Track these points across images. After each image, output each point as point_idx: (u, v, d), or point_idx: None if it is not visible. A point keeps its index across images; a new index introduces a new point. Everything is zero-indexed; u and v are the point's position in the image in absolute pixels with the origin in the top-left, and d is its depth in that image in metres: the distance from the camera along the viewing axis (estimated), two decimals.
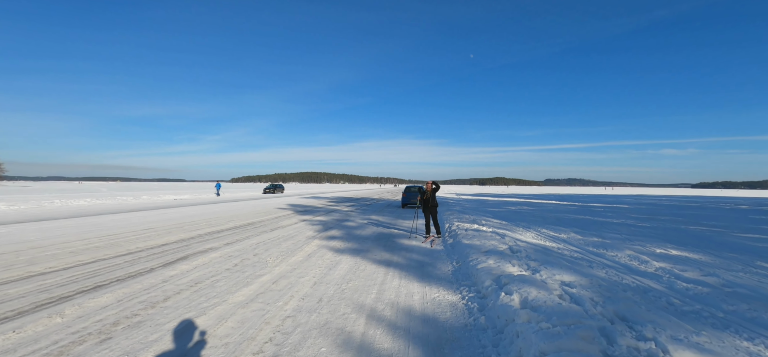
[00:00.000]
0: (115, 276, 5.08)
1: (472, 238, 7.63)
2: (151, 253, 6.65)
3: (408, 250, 7.60)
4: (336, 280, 5.10)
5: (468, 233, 8.44)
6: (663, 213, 17.84)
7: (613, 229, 10.60)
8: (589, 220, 13.65)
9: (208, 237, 8.64)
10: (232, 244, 7.80)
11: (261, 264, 5.98)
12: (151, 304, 4.00)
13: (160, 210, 16.01)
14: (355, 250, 7.47)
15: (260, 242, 8.06)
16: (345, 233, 9.84)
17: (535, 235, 9.18)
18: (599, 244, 7.76)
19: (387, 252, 7.31)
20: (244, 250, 7.10)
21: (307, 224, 11.67)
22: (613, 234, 9.56)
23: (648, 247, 7.45)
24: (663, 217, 15.01)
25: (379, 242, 8.49)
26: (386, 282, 5.08)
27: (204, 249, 7.15)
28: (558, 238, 8.77)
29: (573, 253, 6.76)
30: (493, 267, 5.02)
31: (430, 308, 4.04)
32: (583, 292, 3.90)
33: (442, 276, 5.41)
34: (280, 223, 11.69)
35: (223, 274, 5.32)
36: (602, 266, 5.64)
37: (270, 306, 4.00)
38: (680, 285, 4.73)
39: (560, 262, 5.49)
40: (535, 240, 8.23)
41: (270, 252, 7.00)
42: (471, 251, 6.40)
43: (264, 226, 11.02)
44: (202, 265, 5.84)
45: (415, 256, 6.97)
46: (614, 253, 6.85)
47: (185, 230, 9.67)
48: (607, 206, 23.35)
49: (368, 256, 6.83)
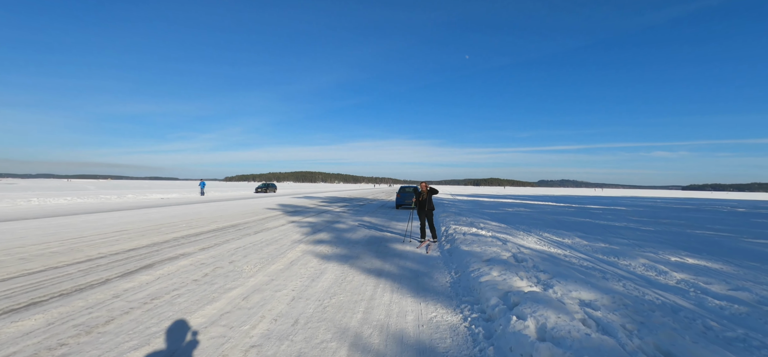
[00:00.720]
0: (59, 289, 4.35)
1: (471, 244, 6.99)
2: (113, 260, 5.91)
3: (401, 256, 6.95)
4: (318, 295, 4.42)
5: (466, 238, 7.81)
6: (663, 216, 17.41)
7: (617, 234, 10.05)
8: (591, 223, 13.12)
9: (183, 240, 7.90)
10: (209, 249, 7.08)
11: (235, 274, 5.28)
12: (87, 328, 3.28)
13: (141, 210, 15.17)
14: (344, 256, 6.80)
15: (240, 247, 7.35)
16: (334, 237, 9.16)
17: (537, 240, 8.58)
18: (608, 251, 7.17)
19: (378, 259, 6.64)
20: (219, 257, 6.38)
21: (294, 226, 10.97)
22: (620, 239, 9.00)
23: (661, 255, 6.88)
24: (665, 221, 14.54)
25: (371, 247, 7.82)
26: (376, 297, 4.42)
27: (175, 255, 6.42)
28: (562, 243, 8.18)
29: (582, 261, 6.15)
30: (498, 280, 4.38)
31: (427, 333, 3.38)
32: (609, 315, 3.27)
33: (440, 289, 4.75)
34: (266, 225, 10.97)
35: (189, 286, 4.62)
36: (618, 278, 5.04)
37: (233, 331, 3.31)
38: (711, 302, 4.14)
39: (572, 273, 4.88)
40: (539, 246, 7.63)
41: (248, 259, 6.30)
42: (471, 259, 5.76)
43: (248, 228, 10.29)
44: (166, 275, 5.12)
45: (410, 263, 6.31)
46: (627, 261, 6.26)
47: (161, 232, 8.91)
48: (605, 208, 22.93)
49: (357, 264, 6.16)
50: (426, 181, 8.85)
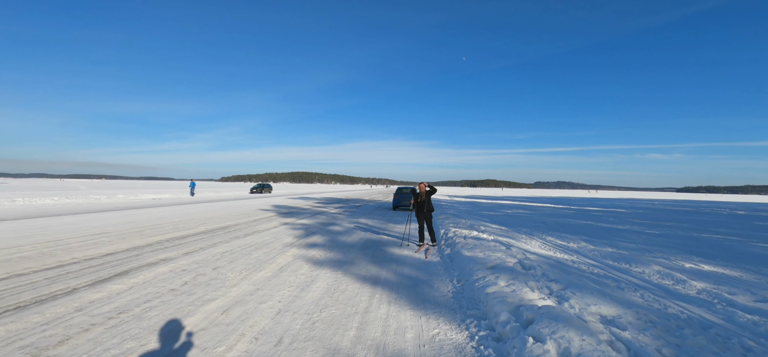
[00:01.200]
0: (17, 301, 3.88)
1: (474, 249, 6.58)
2: (86, 267, 5.43)
3: (399, 261, 6.52)
4: (307, 307, 3.98)
5: (467, 242, 7.40)
6: (664, 218, 17.12)
7: (623, 237, 9.69)
8: (593, 226, 12.76)
9: (167, 244, 7.43)
10: (193, 253, 6.61)
11: (218, 282, 4.83)
12: (33, 352, 2.83)
13: (129, 211, 14.63)
14: (338, 261, 6.36)
15: (227, 251, 6.89)
16: (328, 240, 8.71)
17: (541, 244, 8.18)
18: (618, 257, 6.79)
19: (375, 265, 6.21)
20: (203, 262, 5.92)
21: (287, 228, 10.50)
22: (627, 243, 8.63)
23: (674, 261, 6.50)
24: (668, 223, 14.22)
25: (367, 251, 7.38)
26: (371, 309, 3.98)
27: (154, 260, 5.95)
28: (568, 248, 7.79)
29: (592, 268, 5.76)
30: (506, 291, 3.96)
31: (430, 356, 2.95)
32: (640, 337, 2.87)
33: (442, 300, 4.33)
34: (258, 227, 10.50)
35: (164, 297, 4.16)
36: (634, 288, 4.64)
37: (205, 354, 2.86)
38: (742, 317, 3.74)
39: (585, 283, 4.47)
40: (545, 251, 7.23)
41: (235, 264, 5.84)
42: (474, 266, 5.35)
43: (238, 230, 9.82)
44: (141, 284, 4.66)
45: (408, 270, 5.88)
46: (640, 268, 5.88)
47: (144, 235, 8.42)
48: (604, 210, 22.64)
49: (352, 271, 5.72)
50: (425, 181, 8.44)
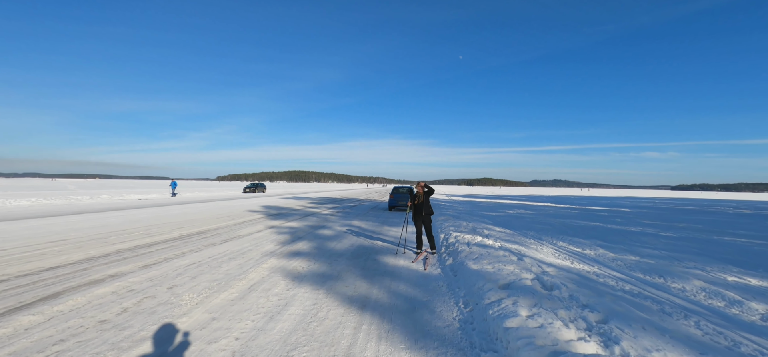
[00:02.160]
0: None
1: (480, 259, 5.66)
2: (13, 286, 4.45)
3: (394, 275, 5.58)
4: (272, 346, 3.04)
5: (472, 250, 6.48)
6: (673, 218, 16.30)
7: (640, 241, 8.81)
8: (603, 228, 11.89)
9: (128, 254, 6.45)
10: (152, 266, 5.64)
11: (166, 308, 3.87)
12: None
13: (106, 212, 13.59)
14: (322, 276, 5.41)
15: (194, 263, 5.92)
16: (315, 247, 7.76)
17: (554, 251, 7.29)
18: (646, 268, 5.89)
19: (365, 280, 5.27)
20: (160, 279, 4.96)
21: (272, 233, 9.54)
22: (647, 249, 7.75)
23: (711, 272, 5.62)
24: (680, 225, 13.39)
25: (357, 261, 6.45)
26: (355, 350, 3.05)
27: (101, 277, 4.98)
28: (585, 256, 6.89)
29: (623, 284, 4.85)
30: (531, 325, 3.04)
31: None
32: None
33: (447, 334, 3.39)
34: (239, 232, 9.52)
35: (85, 335, 3.20)
36: (684, 313, 3.73)
37: None
38: None
39: (626, 308, 3.56)
40: (561, 260, 6.32)
41: (197, 282, 4.89)
42: (484, 283, 4.43)
43: (217, 235, 8.85)
44: (66, 312, 3.69)
45: (404, 287, 4.95)
46: (678, 283, 4.98)
47: (106, 243, 7.43)
48: (608, 210, 21.82)
49: (337, 288, 4.78)
50: (422, 181, 7.51)
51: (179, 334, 3.25)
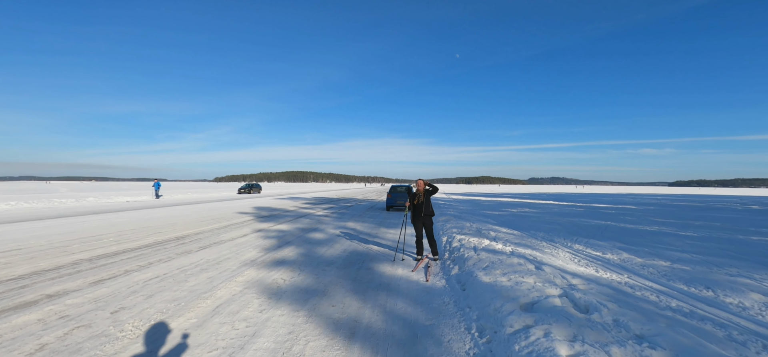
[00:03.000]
0: None
1: (492, 269, 4.82)
2: None
3: (391, 288, 4.73)
4: None
5: (480, 256, 5.64)
6: (684, 215, 15.50)
7: (662, 243, 7.99)
8: (616, 227, 11.07)
9: (85, 267, 5.57)
10: (106, 282, 4.77)
11: (99, 342, 3.01)
12: None
13: (82, 217, 12.67)
14: (305, 291, 4.56)
15: (157, 277, 5.06)
16: (303, 254, 6.90)
17: (572, 256, 6.46)
18: (685, 277, 5.06)
19: (356, 296, 4.42)
20: (107, 299, 4.09)
21: (257, 237, 8.67)
22: (675, 252, 6.93)
23: (763, 281, 4.79)
24: (696, 223, 12.59)
25: (349, 271, 5.59)
26: None
27: (36, 298, 4.11)
28: (609, 262, 6.06)
29: (668, 300, 4.01)
30: None
31: None
32: None
33: None
34: (221, 237, 8.65)
35: None
36: (761, 341, 2.90)
37: None
38: None
39: (694, 341, 2.72)
40: (583, 267, 5.49)
41: (152, 302, 4.03)
42: (501, 302, 3.58)
43: (195, 241, 7.97)
44: None
45: (403, 306, 4.10)
46: (733, 298, 4.15)
47: (65, 253, 6.55)
48: (615, 207, 21.02)
49: (321, 309, 3.93)
50: (422, 179, 6.67)
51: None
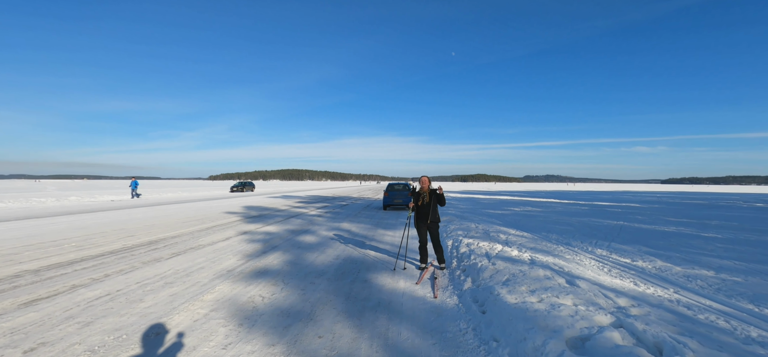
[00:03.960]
0: None
1: (514, 284, 3.97)
2: None
3: (392, 310, 3.87)
4: None
5: (496, 266, 4.79)
6: (697, 214, 14.80)
7: (689, 246, 7.20)
8: (632, 228, 10.30)
9: (25, 281, 4.65)
10: (40, 302, 3.86)
11: None
12: None
13: (51, 218, 11.66)
14: (287, 313, 3.68)
15: (107, 294, 4.15)
16: (290, 261, 6.02)
17: (598, 263, 5.64)
18: (746, 292, 4.25)
19: (349, 321, 3.55)
20: (27, 331, 3.19)
21: (241, 241, 7.77)
22: (709, 257, 6.14)
23: None
24: (713, 222, 11.87)
25: (341, 285, 4.72)
26: None
27: None
28: (644, 271, 5.25)
29: (746, 328, 3.18)
30: None
31: None
32: None
33: None
34: (200, 241, 7.74)
35: None
36: None
37: None
38: None
39: None
40: (619, 280, 4.66)
41: (87, 332, 3.13)
42: (543, 339, 2.74)
43: (171, 246, 7.06)
44: None
45: (408, 336, 3.24)
46: None
47: (11, 262, 5.61)
48: (620, 206, 20.32)
49: (304, 341, 3.06)
50: (427, 176, 5.80)
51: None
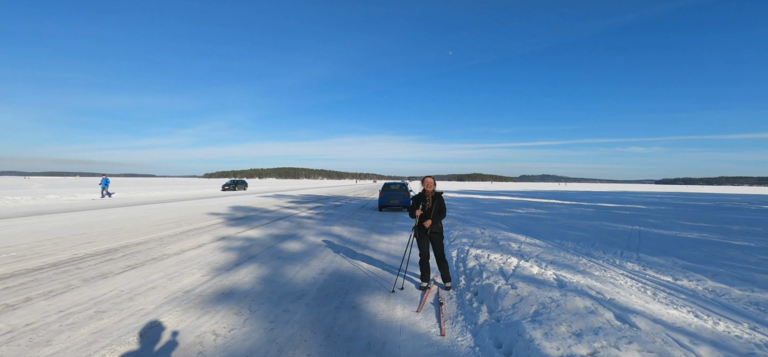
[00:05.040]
0: None
1: (550, 320, 3.01)
2: None
3: (385, 352, 2.90)
4: None
5: (518, 289, 3.83)
6: (711, 217, 13.96)
7: (724, 256, 6.28)
8: (652, 234, 9.39)
9: None
10: None
11: None
12: None
13: (14, 219, 10.55)
14: None
15: (10, 330, 3.14)
16: (264, 277, 5.01)
17: (638, 283, 4.68)
18: None
19: None
20: None
21: (213, 250, 6.74)
22: (757, 272, 5.23)
23: None
24: (735, 227, 11.01)
25: (322, 313, 3.73)
26: None
27: None
28: (698, 295, 4.29)
29: None
30: None
31: None
32: None
33: None
34: (167, 249, 6.71)
35: None
36: None
37: None
38: None
39: None
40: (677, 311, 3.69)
41: None
42: None
43: (126, 257, 6.02)
44: None
45: None
46: None
47: None
48: (626, 208, 19.49)
49: None
50: (430, 176, 4.82)
51: None
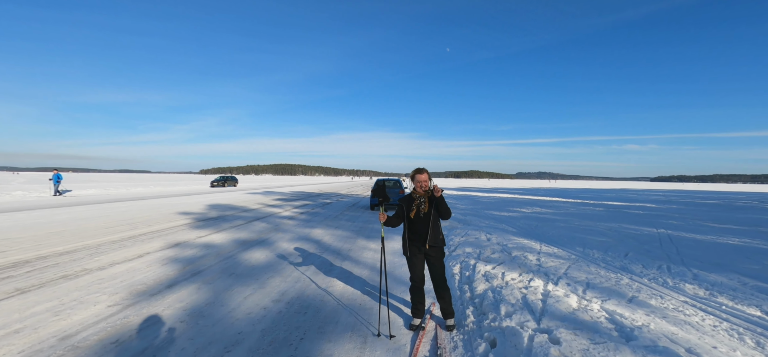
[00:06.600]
0: None
1: None
2: None
3: None
4: None
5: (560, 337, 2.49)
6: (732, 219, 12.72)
7: None
8: (682, 240, 8.09)
9: None
10: None
11: None
12: None
13: None
14: None
15: None
16: (196, 309, 3.63)
17: (726, 328, 3.35)
18: None
19: None
20: None
21: (152, 263, 5.33)
22: None
23: None
24: (762, 230, 9.75)
25: None
26: None
27: None
28: None
29: None
30: None
31: None
32: None
33: None
34: (90, 263, 5.29)
35: None
36: None
37: None
38: None
39: None
40: None
41: None
42: None
43: (29, 275, 4.61)
44: None
45: None
46: None
47: None
48: (636, 206, 18.24)
49: None
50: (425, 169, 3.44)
51: None
